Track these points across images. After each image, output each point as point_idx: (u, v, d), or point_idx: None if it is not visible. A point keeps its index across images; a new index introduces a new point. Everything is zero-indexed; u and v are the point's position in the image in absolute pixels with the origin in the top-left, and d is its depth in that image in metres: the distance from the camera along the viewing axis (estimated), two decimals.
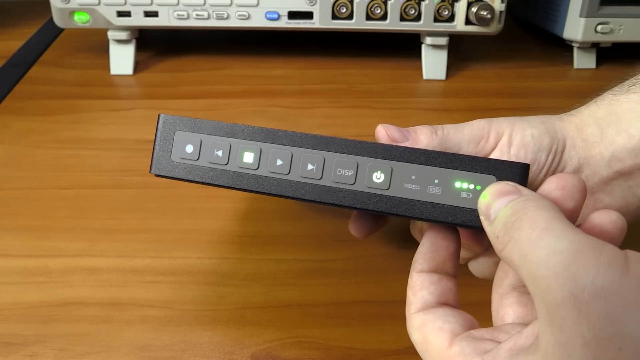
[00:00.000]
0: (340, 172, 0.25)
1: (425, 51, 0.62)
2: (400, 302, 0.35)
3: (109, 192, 0.44)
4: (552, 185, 0.23)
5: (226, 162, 0.26)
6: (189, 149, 0.26)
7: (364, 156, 0.25)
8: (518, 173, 0.24)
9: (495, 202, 0.22)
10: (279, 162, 0.26)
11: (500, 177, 0.24)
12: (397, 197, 0.24)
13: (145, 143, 0.50)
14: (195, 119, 0.27)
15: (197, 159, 0.26)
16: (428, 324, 0.23)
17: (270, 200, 0.42)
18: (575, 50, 0.65)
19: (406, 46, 0.67)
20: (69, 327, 0.32)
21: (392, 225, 0.36)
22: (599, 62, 0.66)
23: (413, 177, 0.24)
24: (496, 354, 0.21)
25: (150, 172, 0.27)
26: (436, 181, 0.24)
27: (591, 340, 0.17)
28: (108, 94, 0.59)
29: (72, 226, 0.40)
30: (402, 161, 0.25)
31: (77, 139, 0.51)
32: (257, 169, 0.26)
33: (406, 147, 0.25)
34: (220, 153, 0.26)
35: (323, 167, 0.25)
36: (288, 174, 0.25)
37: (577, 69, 0.66)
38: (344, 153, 0.25)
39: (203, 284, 0.35)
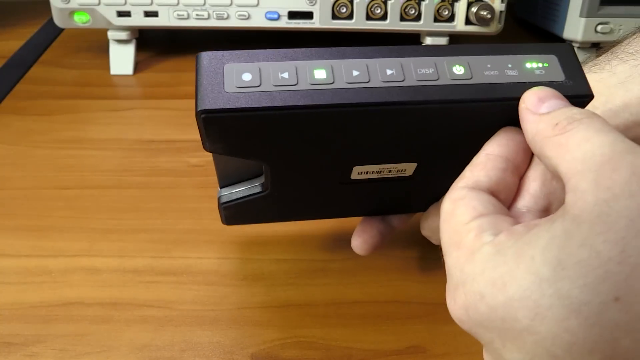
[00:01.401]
0: (421, 71, 0.24)
1: None
2: (400, 302, 0.35)
3: (109, 192, 0.44)
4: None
5: (295, 82, 0.23)
6: (247, 77, 0.23)
7: (439, 55, 0.25)
8: (570, 50, 0.25)
9: (550, 100, 0.22)
10: (356, 72, 0.24)
11: (559, 55, 0.25)
12: (482, 84, 0.24)
13: (145, 143, 0.50)
14: (245, 50, 0.24)
15: (259, 85, 0.22)
16: (465, 200, 0.22)
17: None
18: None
19: None
20: (69, 327, 0.32)
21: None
22: None
23: (489, 66, 0.25)
24: (514, 229, 0.20)
25: (196, 111, 0.22)
26: (510, 65, 0.25)
27: (637, 191, 0.17)
28: (108, 94, 0.59)
29: (72, 226, 0.40)
30: (475, 54, 0.25)
31: (77, 139, 0.51)
32: (333, 82, 0.23)
33: (473, 44, 0.25)
34: (286, 75, 0.23)
35: (403, 70, 0.24)
36: (368, 82, 0.23)
37: None
38: (418, 56, 0.25)
39: (203, 284, 0.35)
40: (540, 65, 0.25)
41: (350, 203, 0.33)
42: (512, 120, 0.24)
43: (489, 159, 0.24)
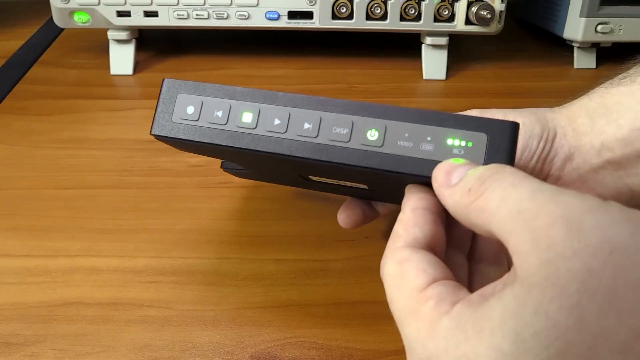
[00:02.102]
0: (335, 130, 0.25)
1: (425, 51, 0.62)
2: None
3: (109, 192, 0.44)
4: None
5: (225, 122, 0.26)
6: (190, 110, 0.27)
7: (359, 115, 0.25)
8: (508, 131, 0.24)
9: (456, 170, 0.22)
10: (277, 121, 0.26)
11: (491, 135, 0.24)
12: (391, 154, 0.25)
13: (145, 143, 0.50)
14: (198, 82, 0.27)
15: (197, 120, 0.26)
16: (412, 262, 0.22)
17: (270, 200, 0.42)
18: (575, 50, 0.65)
19: (406, 46, 0.67)
20: (69, 327, 0.32)
21: (392, 224, 0.36)
22: (599, 62, 0.66)
23: (406, 135, 0.25)
24: (470, 298, 0.20)
25: (150, 133, 0.27)
26: (429, 138, 0.24)
27: (581, 249, 0.17)
28: (108, 94, 0.59)
29: (72, 226, 0.40)
30: (396, 120, 0.25)
31: (77, 139, 0.51)
32: (255, 128, 0.26)
33: (400, 107, 0.25)
34: (220, 113, 0.26)
35: (319, 126, 0.25)
36: (285, 132, 0.26)
37: (577, 69, 0.66)
38: (340, 113, 0.25)
39: (203, 284, 0.35)
40: (462, 143, 0.24)
41: (323, 188, 0.35)
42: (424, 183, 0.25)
43: (417, 214, 0.23)
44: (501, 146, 0.24)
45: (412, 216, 0.24)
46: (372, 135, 0.25)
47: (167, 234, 0.39)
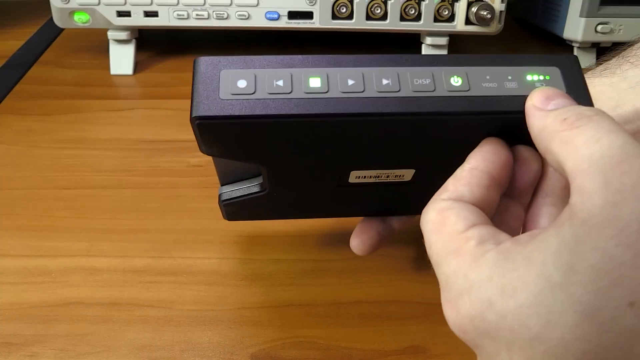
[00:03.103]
0: (417, 81, 0.24)
1: (425, 51, 0.62)
2: (400, 302, 0.35)
3: (109, 192, 0.44)
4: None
5: (290, 90, 0.23)
6: (242, 83, 0.23)
7: (437, 65, 0.24)
8: (574, 63, 0.25)
9: (558, 99, 0.22)
10: (351, 81, 0.23)
11: (562, 68, 0.24)
12: (480, 96, 0.24)
13: (145, 143, 0.50)
14: (243, 56, 0.24)
15: (253, 92, 0.22)
16: (454, 210, 0.21)
17: None
18: (575, 50, 0.65)
19: (406, 46, 0.67)
20: (69, 327, 0.32)
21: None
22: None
23: (488, 77, 0.24)
24: (518, 238, 0.19)
25: (191, 117, 0.22)
26: (510, 77, 0.24)
27: None
28: (108, 94, 0.59)
29: (72, 226, 0.40)
30: (474, 65, 0.24)
31: (77, 139, 0.51)
32: (327, 92, 0.23)
33: (470, 55, 0.25)
34: (281, 82, 0.23)
35: (399, 80, 0.24)
36: (363, 91, 0.23)
37: None
38: (416, 66, 0.24)
39: (203, 284, 0.35)
40: (541, 77, 0.24)
41: (349, 204, 0.33)
42: (507, 133, 0.24)
43: (473, 175, 0.23)
44: (574, 76, 0.24)
45: (467, 174, 0.23)
46: (456, 81, 0.24)
47: (167, 234, 0.39)
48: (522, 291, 0.18)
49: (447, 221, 0.21)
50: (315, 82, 0.23)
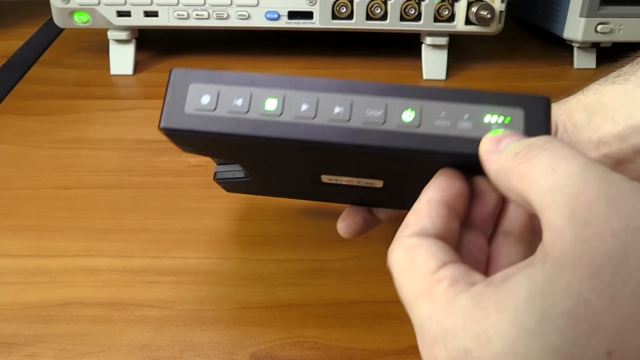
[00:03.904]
0: (369, 112, 0.24)
1: (425, 51, 0.62)
2: (400, 302, 0.35)
3: (109, 192, 0.44)
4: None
5: (247, 110, 0.24)
6: (205, 99, 0.24)
7: (393, 97, 0.24)
8: (543, 105, 0.24)
9: (507, 138, 0.21)
10: (305, 106, 0.24)
11: (527, 110, 0.23)
12: (429, 134, 0.23)
13: (145, 143, 0.50)
14: (211, 70, 0.25)
15: (214, 109, 0.24)
16: (422, 247, 0.21)
17: (270, 200, 0.42)
18: (575, 50, 0.65)
19: (406, 46, 0.67)
20: (69, 327, 0.32)
21: (391, 225, 0.36)
22: (599, 62, 0.66)
23: (443, 114, 0.24)
24: (491, 279, 0.19)
25: (159, 127, 0.24)
26: (466, 116, 0.24)
27: (620, 229, 0.16)
28: (108, 94, 0.59)
29: (72, 226, 0.40)
30: (432, 99, 0.24)
31: (77, 139, 0.51)
32: (280, 115, 0.24)
33: (434, 87, 0.24)
34: (240, 102, 0.24)
35: (351, 109, 0.24)
36: (314, 117, 0.24)
37: (577, 69, 0.66)
38: (372, 95, 0.24)
39: (203, 284, 0.35)
40: (500, 119, 0.23)
41: (329, 195, 0.33)
42: (462, 167, 0.24)
43: (432, 206, 0.23)
44: (538, 121, 0.23)
45: (425, 206, 0.23)
46: (409, 115, 0.24)
47: (167, 234, 0.39)
48: (497, 339, 0.17)
49: (417, 260, 0.21)
50: (271, 104, 0.24)
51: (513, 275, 0.18)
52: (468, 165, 0.24)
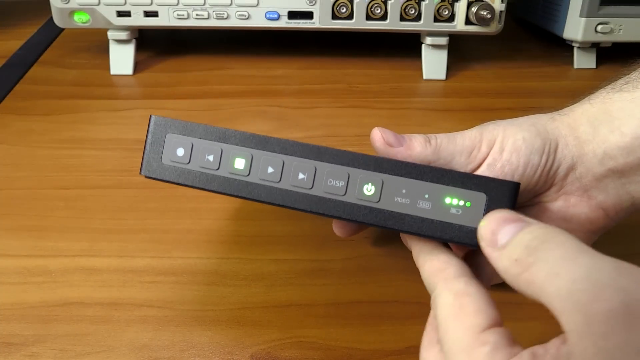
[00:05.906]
0: (331, 182, 0.25)
1: (425, 51, 0.62)
2: (400, 302, 0.35)
3: (109, 192, 0.44)
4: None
5: (217, 168, 0.26)
6: (180, 152, 0.27)
7: (355, 167, 0.25)
8: (508, 191, 0.24)
9: (502, 229, 0.21)
10: (270, 169, 0.26)
11: (490, 195, 0.24)
12: (387, 210, 0.25)
13: None
14: (187, 122, 0.27)
15: (187, 163, 0.26)
16: (471, 297, 0.22)
17: None
18: (575, 50, 0.65)
19: (406, 46, 0.67)
20: (69, 327, 0.32)
21: None
22: (599, 62, 0.66)
23: (403, 191, 0.24)
24: (521, 355, 0.19)
25: (140, 173, 0.27)
26: (426, 196, 0.24)
27: None
28: (108, 94, 0.59)
29: (72, 226, 0.40)
30: (394, 174, 0.25)
31: (77, 139, 0.51)
32: (247, 175, 0.26)
33: (398, 160, 0.25)
34: (211, 158, 0.26)
35: (314, 177, 0.25)
36: (279, 182, 0.26)
37: (577, 69, 0.66)
38: (335, 164, 0.25)
39: (203, 284, 0.35)
40: (461, 203, 0.24)
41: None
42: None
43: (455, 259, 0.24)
44: (500, 207, 0.23)
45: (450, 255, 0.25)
46: (369, 189, 0.25)
47: (167, 234, 0.39)
48: None
49: (466, 310, 0.21)
50: (239, 164, 0.26)
51: (541, 358, 0.19)
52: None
